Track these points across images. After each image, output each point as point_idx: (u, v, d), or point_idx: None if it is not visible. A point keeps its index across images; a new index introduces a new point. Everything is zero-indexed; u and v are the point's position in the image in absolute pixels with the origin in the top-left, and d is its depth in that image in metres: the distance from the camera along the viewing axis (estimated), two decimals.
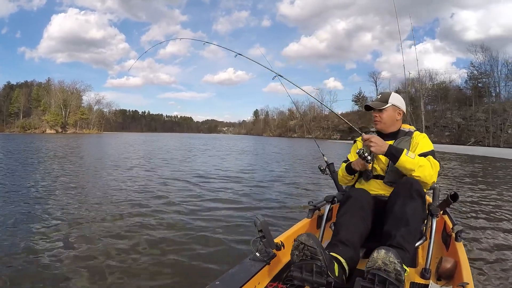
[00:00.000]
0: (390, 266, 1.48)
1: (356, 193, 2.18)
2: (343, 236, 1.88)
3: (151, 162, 13.36)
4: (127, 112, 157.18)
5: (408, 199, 1.91)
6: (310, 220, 2.72)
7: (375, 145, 2.04)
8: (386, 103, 2.29)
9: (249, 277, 1.71)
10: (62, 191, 6.28)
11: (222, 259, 3.16)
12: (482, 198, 6.47)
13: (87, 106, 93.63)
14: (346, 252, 1.80)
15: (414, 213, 1.88)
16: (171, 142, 35.63)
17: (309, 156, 19.46)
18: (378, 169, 2.31)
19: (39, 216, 4.44)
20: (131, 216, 4.62)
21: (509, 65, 51.84)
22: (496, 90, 54.07)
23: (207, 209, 5.20)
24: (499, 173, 12.45)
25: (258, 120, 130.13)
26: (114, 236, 3.77)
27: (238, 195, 6.40)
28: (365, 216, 2.02)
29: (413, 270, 2.03)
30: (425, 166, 2.00)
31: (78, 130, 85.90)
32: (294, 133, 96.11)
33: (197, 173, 9.68)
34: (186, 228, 4.16)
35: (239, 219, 4.62)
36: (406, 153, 2.00)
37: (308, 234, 1.65)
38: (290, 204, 5.61)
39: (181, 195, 6.25)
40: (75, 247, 3.37)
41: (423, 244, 2.15)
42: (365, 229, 1.99)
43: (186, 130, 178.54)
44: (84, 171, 9.62)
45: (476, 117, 52.46)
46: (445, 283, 1.90)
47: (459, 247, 2.12)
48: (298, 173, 10.50)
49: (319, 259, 1.58)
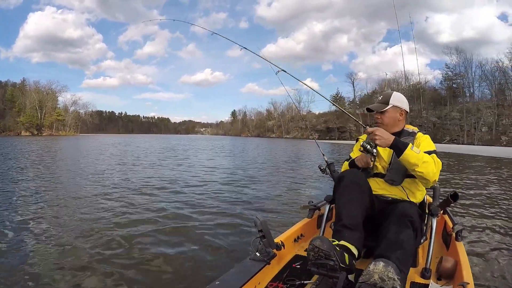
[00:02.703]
0: (388, 283, 1.43)
1: (349, 173, 2.19)
2: (346, 220, 1.92)
3: (147, 163, 13.28)
4: (103, 113, 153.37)
5: (402, 227, 1.87)
6: (310, 220, 2.73)
7: (380, 138, 1.99)
8: (387, 105, 2.29)
9: (249, 277, 1.73)
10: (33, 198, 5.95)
11: (222, 259, 3.19)
12: (466, 192, 6.65)
13: (63, 107, 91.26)
14: (353, 236, 1.87)
15: (408, 239, 1.81)
16: (156, 144, 34.99)
17: (299, 154, 19.62)
18: (379, 167, 2.30)
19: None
20: (129, 217, 4.59)
21: (483, 66, 54.23)
22: (470, 91, 56.53)
23: (207, 209, 5.17)
24: (479, 169, 13.04)
25: (236, 120, 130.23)
26: (112, 236, 3.74)
27: (237, 195, 6.40)
28: (362, 193, 2.06)
29: (413, 270, 2.04)
30: (429, 163, 1.98)
31: (54, 132, 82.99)
32: (272, 133, 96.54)
33: (192, 174, 9.61)
34: (185, 228, 4.15)
35: (238, 219, 4.62)
36: (411, 148, 1.98)
37: (321, 239, 1.71)
38: (290, 204, 5.66)
39: (180, 196, 6.21)
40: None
41: (423, 244, 2.17)
42: (364, 208, 2.03)
43: (164, 131, 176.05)
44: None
45: (451, 116, 54.39)
46: (445, 283, 1.92)
47: (459, 246, 2.14)
48: (297, 173, 10.61)
49: (332, 260, 1.66)
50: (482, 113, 50.73)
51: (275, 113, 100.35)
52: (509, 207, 5.63)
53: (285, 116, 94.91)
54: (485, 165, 15.06)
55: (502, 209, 5.45)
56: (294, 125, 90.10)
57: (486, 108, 51.29)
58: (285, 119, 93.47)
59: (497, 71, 51.96)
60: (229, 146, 31.89)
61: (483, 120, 50.63)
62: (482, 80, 54.68)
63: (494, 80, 52.69)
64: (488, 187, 8.11)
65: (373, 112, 2.36)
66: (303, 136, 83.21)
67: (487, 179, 9.59)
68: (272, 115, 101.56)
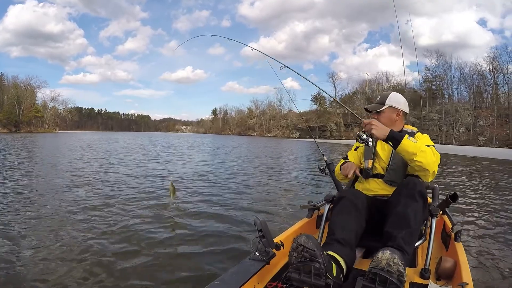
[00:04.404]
0: (393, 267, 1.48)
1: (349, 193, 2.18)
2: (339, 235, 1.89)
3: (142, 160, 13.27)
4: (83, 110, 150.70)
5: (410, 199, 1.92)
6: (309, 220, 2.73)
7: (376, 127, 1.98)
8: (383, 105, 2.31)
9: (248, 277, 1.73)
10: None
11: (222, 258, 3.19)
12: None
13: (41, 104, 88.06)
14: (343, 250, 1.81)
15: (415, 214, 1.89)
16: (142, 142, 34.52)
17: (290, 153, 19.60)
18: (378, 168, 2.32)
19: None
20: (127, 216, 4.56)
21: (462, 70, 56.36)
22: (449, 92, 58.57)
23: (206, 209, 5.14)
24: (461, 168, 13.46)
25: (217, 118, 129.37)
26: (111, 237, 3.70)
27: (236, 195, 6.39)
28: (359, 215, 2.03)
29: (412, 270, 2.05)
30: (426, 152, 1.98)
31: (32, 129, 79.87)
32: (254, 132, 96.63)
33: (186, 175, 9.47)
34: (185, 228, 4.13)
35: (238, 219, 4.62)
36: (408, 137, 1.98)
37: (307, 236, 1.63)
38: (289, 204, 5.68)
39: (178, 196, 6.08)
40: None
41: (423, 244, 2.18)
42: (359, 228, 2.00)
43: (144, 129, 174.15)
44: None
45: (430, 117, 55.89)
46: (444, 283, 1.93)
47: (459, 247, 2.16)
48: (296, 173, 10.59)
49: (318, 261, 1.56)
50: (460, 114, 52.53)
51: (257, 111, 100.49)
52: (503, 207, 5.80)
53: (266, 114, 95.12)
54: (468, 164, 15.67)
55: (496, 209, 5.61)
56: (276, 123, 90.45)
57: (464, 109, 53.18)
58: (267, 117, 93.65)
59: (476, 74, 54.01)
60: (218, 145, 31.64)
61: (461, 121, 52.47)
62: (461, 83, 56.92)
63: (473, 82, 54.87)
64: (472, 186, 8.40)
65: (370, 112, 2.37)
66: (284, 135, 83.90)
67: (472, 179, 9.90)
68: (254, 113, 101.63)
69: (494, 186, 8.72)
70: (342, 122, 72.38)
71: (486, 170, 13.30)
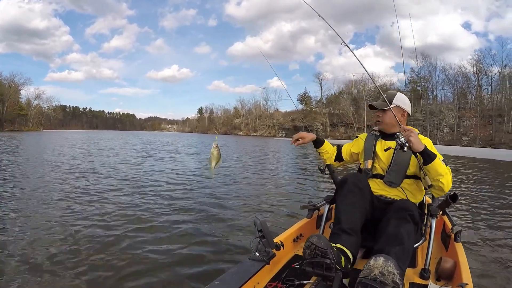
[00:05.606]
0: (388, 277, 1.43)
1: (352, 176, 2.18)
2: (345, 224, 1.93)
3: (143, 161, 13.02)
4: (67, 108, 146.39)
5: (402, 221, 1.89)
6: (309, 220, 2.74)
7: (416, 136, 1.93)
8: (390, 104, 2.27)
9: (248, 277, 1.76)
10: None
11: (222, 259, 3.21)
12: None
13: (25, 102, 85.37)
14: (350, 240, 1.87)
15: (408, 234, 1.84)
16: (133, 141, 33.91)
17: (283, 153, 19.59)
18: (378, 168, 2.32)
19: None
20: (126, 216, 4.55)
21: (446, 71, 57.55)
22: (434, 93, 59.58)
23: (205, 209, 5.11)
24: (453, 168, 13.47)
25: (202, 117, 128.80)
26: (110, 237, 3.69)
27: (236, 195, 6.37)
28: (363, 197, 2.06)
29: (412, 270, 2.06)
30: (449, 174, 2.00)
31: (16, 127, 77.20)
32: (240, 131, 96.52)
33: (185, 174, 9.41)
34: (185, 228, 4.12)
35: (238, 219, 4.63)
36: (439, 158, 1.97)
37: (318, 236, 1.70)
38: (289, 204, 5.69)
39: (178, 196, 6.07)
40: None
41: (423, 245, 2.19)
42: (364, 210, 2.03)
43: (129, 128, 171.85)
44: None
45: (414, 117, 56.68)
46: (444, 284, 1.94)
47: (459, 247, 2.18)
48: (296, 173, 10.60)
49: (328, 258, 1.65)
50: (445, 115, 53.60)
51: (243, 110, 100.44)
52: (500, 206, 5.97)
53: (252, 114, 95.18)
54: (455, 164, 15.86)
55: (491, 208, 5.80)
56: (262, 123, 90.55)
57: (448, 110, 54.28)
58: (253, 117, 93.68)
59: (460, 76, 55.16)
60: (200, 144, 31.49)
61: (445, 121, 53.49)
62: (445, 84, 58.12)
63: (457, 84, 56.00)
64: (465, 184, 8.61)
65: (375, 109, 2.34)
66: (270, 134, 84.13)
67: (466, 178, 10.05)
68: (240, 112, 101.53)
69: (483, 183, 8.97)
70: (328, 122, 72.94)
71: (474, 168, 13.62)
